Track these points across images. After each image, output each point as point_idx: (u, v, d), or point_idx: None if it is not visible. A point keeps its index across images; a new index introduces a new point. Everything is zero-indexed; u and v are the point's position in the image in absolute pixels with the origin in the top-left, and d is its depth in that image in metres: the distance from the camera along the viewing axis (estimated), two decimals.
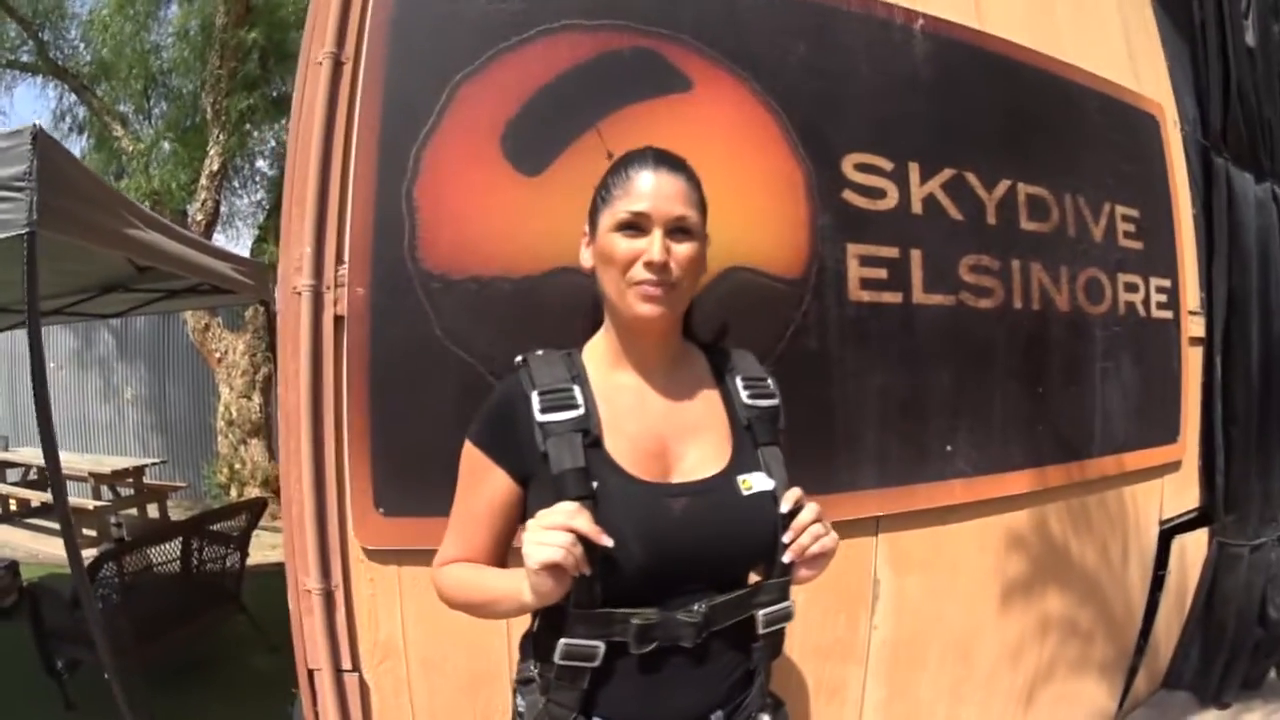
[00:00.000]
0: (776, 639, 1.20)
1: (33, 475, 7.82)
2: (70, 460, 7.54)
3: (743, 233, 1.73)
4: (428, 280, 1.60)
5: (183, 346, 8.75)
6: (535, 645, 1.20)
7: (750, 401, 1.23)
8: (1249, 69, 2.96)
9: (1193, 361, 2.69)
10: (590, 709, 1.13)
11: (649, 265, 1.12)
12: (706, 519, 1.12)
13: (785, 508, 1.13)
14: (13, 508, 7.83)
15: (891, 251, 1.83)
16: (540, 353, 1.23)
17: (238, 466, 7.67)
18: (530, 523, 1.03)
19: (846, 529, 1.75)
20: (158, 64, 8.22)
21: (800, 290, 1.75)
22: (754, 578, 1.19)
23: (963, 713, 1.81)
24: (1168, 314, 2.55)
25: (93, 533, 6.68)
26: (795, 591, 1.16)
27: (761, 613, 1.16)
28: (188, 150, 7.83)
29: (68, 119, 10.03)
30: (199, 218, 7.41)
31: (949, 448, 1.85)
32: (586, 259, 1.23)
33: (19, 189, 2.13)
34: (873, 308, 1.80)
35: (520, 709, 1.20)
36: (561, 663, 1.12)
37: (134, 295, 4.67)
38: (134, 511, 7.03)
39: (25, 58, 9.21)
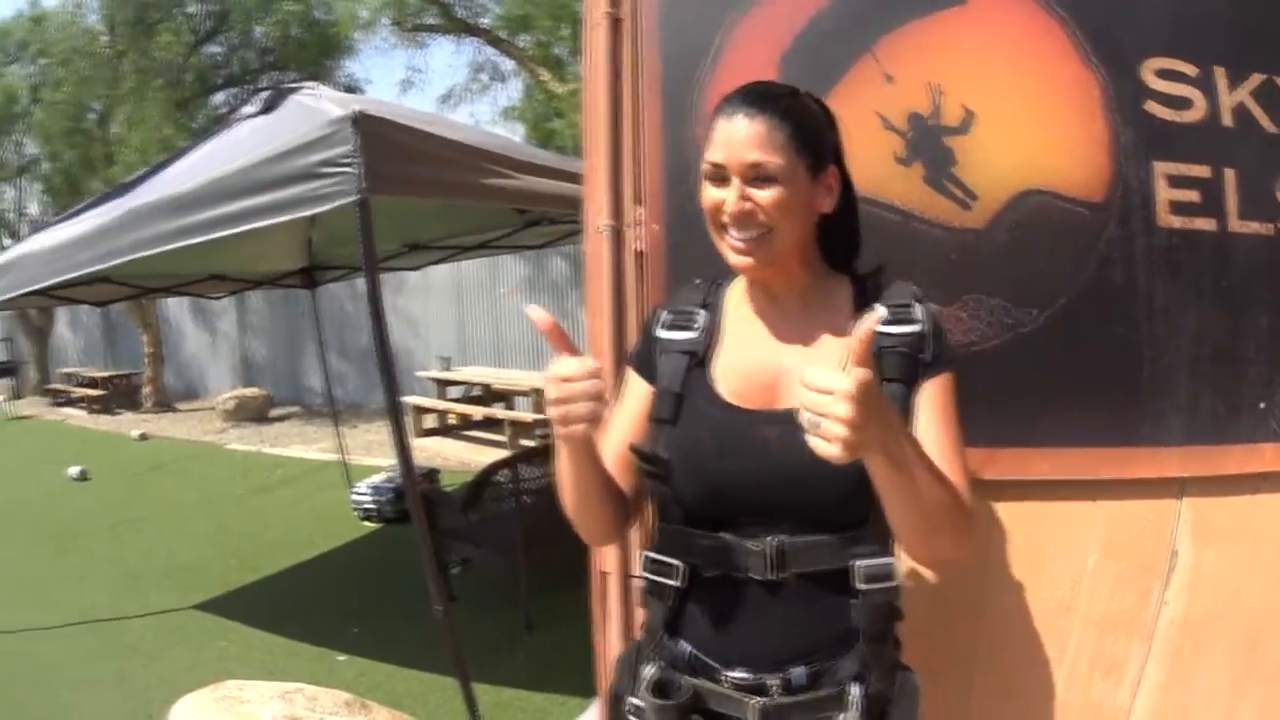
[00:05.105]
0: (878, 599, 1.09)
1: (476, 392, 9.21)
2: (517, 377, 8.88)
3: (1037, 152, 1.57)
4: None
5: None
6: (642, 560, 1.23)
7: (883, 329, 1.07)
8: None
9: None
10: (678, 631, 1.16)
11: (730, 216, 1.10)
12: (792, 449, 0.99)
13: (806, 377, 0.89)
14: (451, 421, 9.36)
15: (1203, 170, 1.53)
16: (698, 281, 1.28)
17: None
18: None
19: (1147, 489, 1.54)
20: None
21: (1104, 215, 1.55)
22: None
23: (1241, 710, 1.49)
24: None
25: (531, 444, 7.62)
26: (1085, 553, 1.01)
27: (859, 564, 1.07)
28: None
29: (486, 71, 11.28)
30: None
31: (1262, 404, 1.53)
32: None
33: (347, 164, 2.57)
34: (1184, 235, 1.53)
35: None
36: (645, 574, 1.18)
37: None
38: None
39: (430, 20, 10.27)
